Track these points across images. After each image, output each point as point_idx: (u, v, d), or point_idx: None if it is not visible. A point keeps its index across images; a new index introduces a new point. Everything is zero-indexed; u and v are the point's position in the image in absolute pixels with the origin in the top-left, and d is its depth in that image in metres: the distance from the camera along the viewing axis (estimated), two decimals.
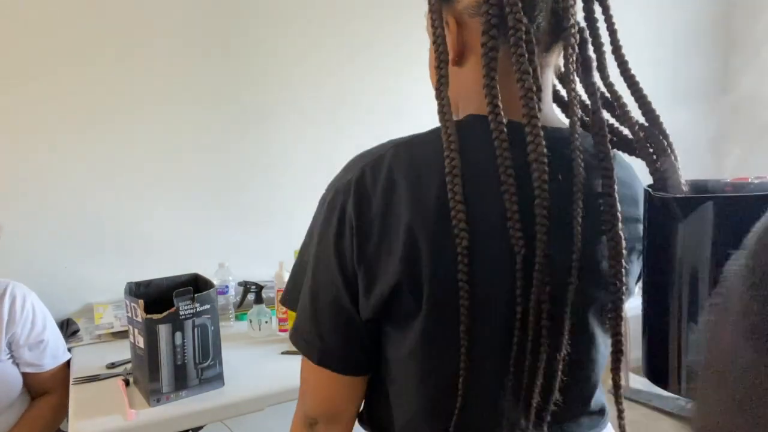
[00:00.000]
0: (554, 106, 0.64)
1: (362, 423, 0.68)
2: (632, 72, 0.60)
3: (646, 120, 0.59)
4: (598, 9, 0.59)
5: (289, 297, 0.66)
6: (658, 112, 0.59)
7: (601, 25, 0.60)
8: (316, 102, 1.95)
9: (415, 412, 0.60)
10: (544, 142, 0.53)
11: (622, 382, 0.63)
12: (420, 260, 0.54)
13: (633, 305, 0.63)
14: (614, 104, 0.61)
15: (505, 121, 0.54)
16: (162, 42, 1.71)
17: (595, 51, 0.60)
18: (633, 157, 0.62)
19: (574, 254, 0.55)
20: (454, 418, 0.56)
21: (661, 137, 0.57)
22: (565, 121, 0.65)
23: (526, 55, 0.54)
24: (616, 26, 0.60)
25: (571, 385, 0.60)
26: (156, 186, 1.75)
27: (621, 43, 0.60)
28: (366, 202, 0.56)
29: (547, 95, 0.61)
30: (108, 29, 1.63)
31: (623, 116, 0.60)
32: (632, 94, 0.60)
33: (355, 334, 0.60)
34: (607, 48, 0.60)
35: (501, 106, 0.54)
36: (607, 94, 0.61)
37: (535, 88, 0.54)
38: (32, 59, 1.55)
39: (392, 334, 0.60)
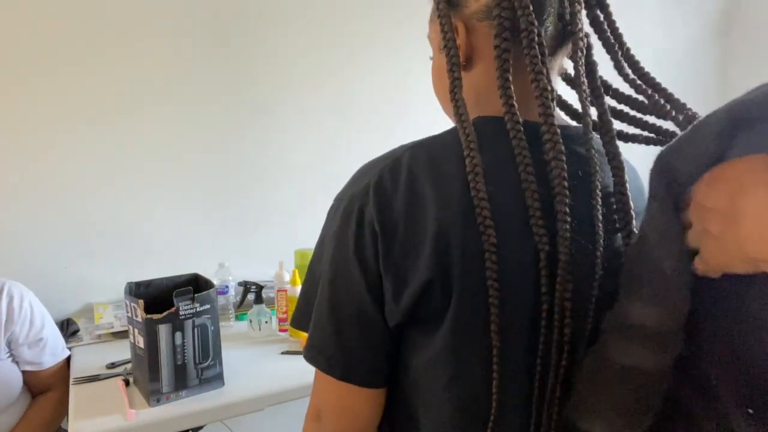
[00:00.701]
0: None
1: None
2: (645, 69, 0.62)
3: (674, 109, 0.60)
4: (600, 15, 0.62)
5: (304, 318, 0.63)
6: (683, 101, 0.60)
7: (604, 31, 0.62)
8: (316, 102, 1.95)
9: (444, 416, 0.58)
10: (561, 141, 0.54)
11: None
12: (450, 257, 0.53)
13: None
14: (639, 99, 0.62)
15: (521, 120, 0.55)
16: (162, 42, 1.71)
17: (608, 52, 0.62)
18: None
19: (597, 251, 0.56)
20: (491, 420, 0.55)
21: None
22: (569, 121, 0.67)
23: (539, 57, 0.55)
24: (620, 30, 0.62)
25: None
26: (156, 186, 1.75)
27: (628, 45, 0.62)
28: (387, 203, 0.55)
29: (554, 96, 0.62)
30: (108, 29, 1.63)
31: (653, 106, 0.61)
32: (650, 87, 0.62)
33: (381, 343, 0.58)
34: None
35: (516, 106, 0.55)
36: (629, 92, 0.63)
37: (550, 88, 0.55)
38: (32, 59, 1.55)
39: (417, 338, 0.58)
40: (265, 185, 1.91)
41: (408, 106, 2.04)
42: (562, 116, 0.67)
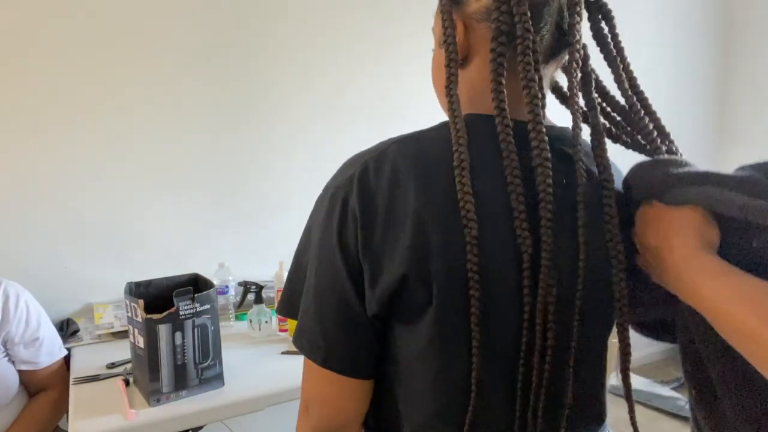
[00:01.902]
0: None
1: (367, 428, 0.65)
2: (641, 88, 0.64)
3: (659, 138, 0.63)
4: (604, 27, 0.63)
5: (287, 304, 0.64)
6: (663, 122, 0.63)
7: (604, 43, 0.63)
8: (316, 103, 1.96)
9: (429, 412, 0.58)
10: (548, 147, 0.55)
11: (615, 383, 0.64)
12: (429, 249, 0.54)
13: None
14: (628, 112, 0.65)
15: (511, 123, 0.55)
16: (162, 43, 1.71)
17: (609, 65, 0.63)
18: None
19: (580, 256, 0.56)
20: (468, 416, 0.55)
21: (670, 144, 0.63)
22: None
23: (532, 65, 0.55)
24: (622, 44, 0.63)
25: (581, 389, 0.60)
26: (156, 186, 1.75)
27: (629, 60, 0.64)
28: (370, 193, 0.56)
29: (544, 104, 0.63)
30: (107, 30, 1.63)
31: (640, 131, 0.63)
32: (642, 108, 0.64)
33: (361, 332, 0.59)
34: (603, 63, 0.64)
35: (507, 109, 0.56)
36: (622, 102, 0.65)
37: (540, 95, 0.56)
38: (31, 59, 1.55)
39: (401, 331, 0.59)
40: (265, 185, 1.91)
41: (406, 107, 2.04)
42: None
